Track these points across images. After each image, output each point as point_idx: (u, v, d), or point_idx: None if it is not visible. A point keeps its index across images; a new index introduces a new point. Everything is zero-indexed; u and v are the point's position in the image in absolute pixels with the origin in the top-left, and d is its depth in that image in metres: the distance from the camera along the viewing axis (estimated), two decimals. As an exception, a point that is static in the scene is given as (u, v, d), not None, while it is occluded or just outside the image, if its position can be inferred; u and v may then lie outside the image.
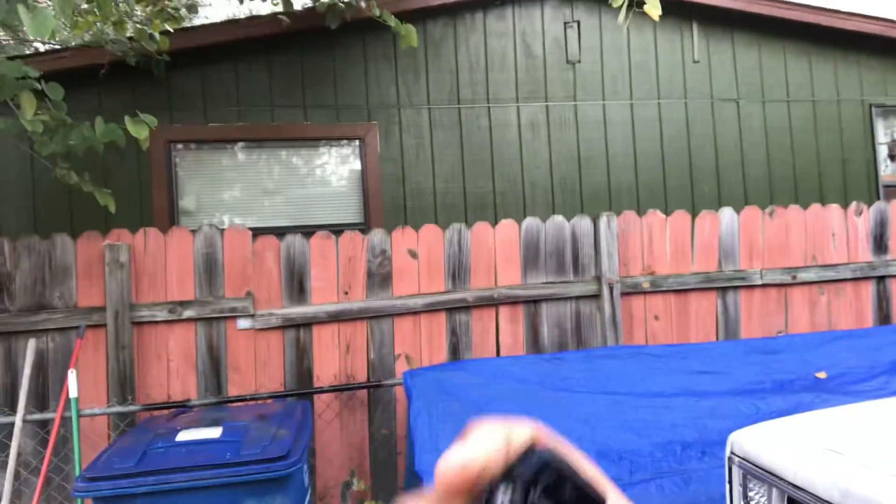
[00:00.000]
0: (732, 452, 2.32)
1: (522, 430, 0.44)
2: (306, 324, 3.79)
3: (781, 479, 2.04)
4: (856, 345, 4.20)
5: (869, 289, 4.55)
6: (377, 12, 4.39)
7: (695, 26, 5.78)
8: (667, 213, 4.76)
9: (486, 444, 0.42)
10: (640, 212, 5.05)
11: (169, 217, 4.75)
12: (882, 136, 6.30)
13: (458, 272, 4.06)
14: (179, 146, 4.91)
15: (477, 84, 5.39)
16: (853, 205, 4.59)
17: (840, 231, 4.55)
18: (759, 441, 2.26)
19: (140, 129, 3.27)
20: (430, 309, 3.97)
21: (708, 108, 5.77)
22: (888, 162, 6.34)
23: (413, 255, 4.00)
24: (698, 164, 5.69)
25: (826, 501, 1.82)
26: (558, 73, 5.53)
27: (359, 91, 5.20)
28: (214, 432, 2.66)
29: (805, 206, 4.71)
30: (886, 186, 6.14)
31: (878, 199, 6.03)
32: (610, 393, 3.73)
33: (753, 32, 5.91)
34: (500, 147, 5.36)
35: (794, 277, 4.39)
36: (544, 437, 0.46)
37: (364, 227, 4.92)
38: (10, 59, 3.45)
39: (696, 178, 5.68)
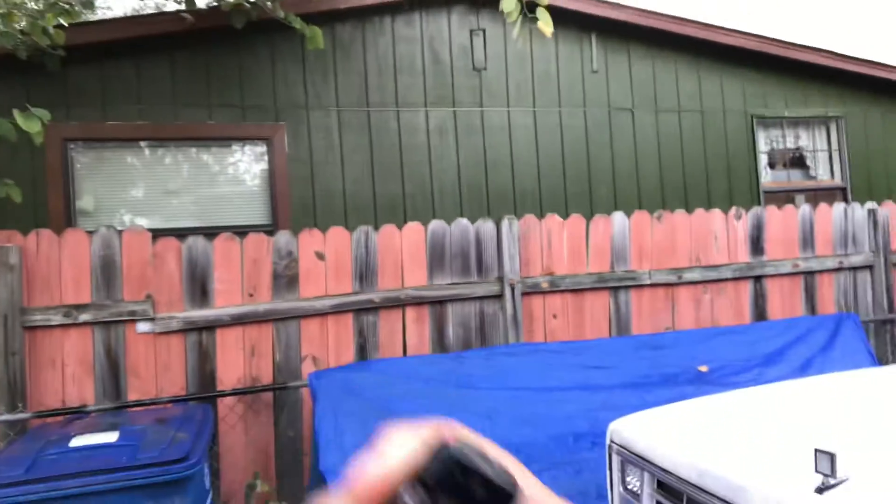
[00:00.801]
0: (612, 441, 2.51)
1: (431, 430, 0.45)
2: (209, 327, 3.77)
3: (652, 463, 2.24)
4: (735, 340, 4.56)
5: (747, 287, 4.94)
6: (281, 14, 4.40)
7: (594, 38, 6.08)
8: (566, 215, 4.99)
9: (398, 450, 0.43)
10: (542, 214, 5.29)
11: (65, 218, 4.59)
12: (763, 145, 6.82)
13: (365, 274, 4.13)
14: (77, 144, 4.74)
15: (386, 88, 5.47)
16: (733, 209, 4.97)
17: (722, 234, 4.92)
18: (634, 429, 2.46)
19: (32, 123, 3.17)
20: (338, 310, 4.03)
21: (605, 116, 6.08)
22: (768, 170, 6.87)
23: (320, 256, 4.04)
24: (596, 169, 5.99)
25: (686, 481, 2.02)
26: (465, 80, 5.69)
27: (266, 91, 5.18)
28: (111, 437, 2.63)
29: (693, 210, 5.04)
30: (766, 192, 6.65)
31: (760, 203, 6.53)
32: (510, 388, 3.90)
33: (648, 45, 6.27)
34: (409, 150, 5.47)
35: (679, 277, 4.72)
36: (453, 433, 0.47)
37: (272, 229, 4.91)
38: None
39: (595, 182, 5.97)
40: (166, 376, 3.69)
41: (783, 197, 6.68)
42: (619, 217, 4.67)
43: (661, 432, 2.34)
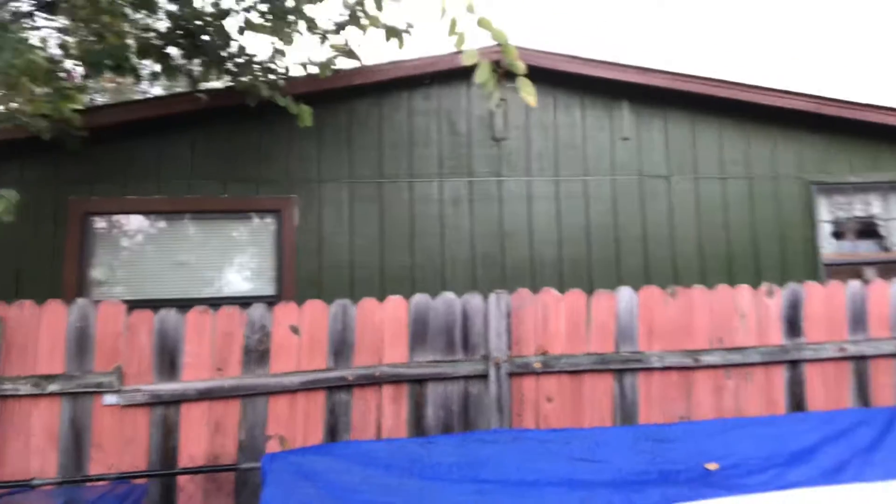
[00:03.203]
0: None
1: None
2: (175, 401, 3.74)
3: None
4: (758, 433, 4.00)
5: (781, 374, 4.37)
6: (282, 102, 4.50)
7: (625, 104, 5.82)
8: (590, 288, 4.62)
9: None
10: (564, 287, 4.96)
11: (77, 288, 4.80)
12: (825, 213, 6.19)
13: (341, 349, 3.99)
14: (96, 217, 5.00)
15: (400, 159, 5.45)
16: (764, 286, 4.46)
17: (750, 312, 4.40)
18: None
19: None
20: (308, 387, 3.89)
21: (635, 184, 5.74)
22: (832, 240, 6.20)
23: (294, 331, 3.96)
24: (626, 238, 5.64)
25: None
26: (483, 150, 5.58)
27: (279, 165, 5.29)
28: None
29: (738, 283, 4.53)
30: (828, 265, 5.98)
31: (820, 278, 5.87)
32: (480, 481, 3.57)
33: (687, 109, 5.93)
34: (420, 221, 5.38)
35: (696, 360, 4.24)
36: None
37: (275, 300, 4.90)
38: None
39: (624, 252, 5.61)
40: (129, 450, 3.67)
41: (848, 270, 5.98)
42: (625, 292, 4.29)
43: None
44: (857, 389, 4.44)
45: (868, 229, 6.35)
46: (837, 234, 6.24)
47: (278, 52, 4.82)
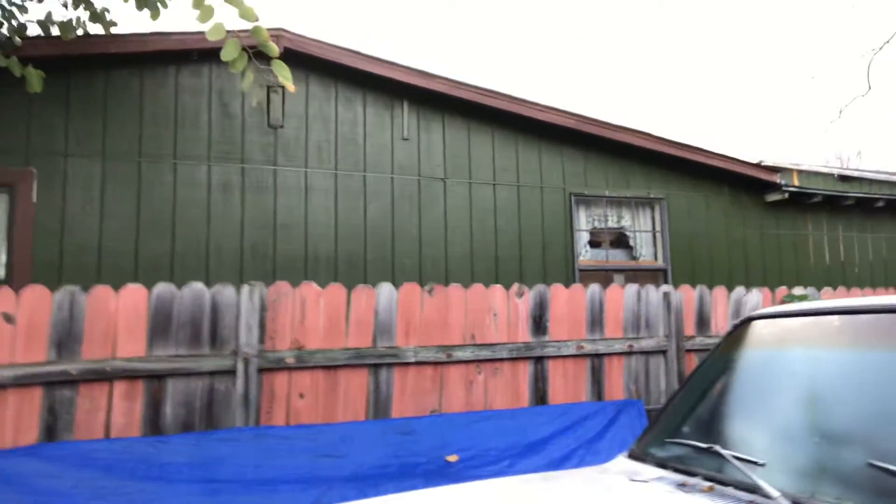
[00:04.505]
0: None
1: None
2: None
3: None
4: (501, 426, 4.25)
5: (526, 369, 4.67)
6: (2, 62, 3.95)
7: (405, 104, 5.91)
8: (368, 283, 4.58)
9: None
10: (344, 283, 4.87)
11: None
12: (584, 223, 6.77)
13: (66, 341, 3.59)
14: None
15: (163, 138, 5.06)
16: (515, 286, 4.74)
17: (502, 311, 4.66)
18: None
19: None
20: (22, 383, 3.45)
21: (415, 184, 5.86)
22: (588, 248, 6.79)
23: (8, 319, 3.49)
24: (402, 238, 5.72)
25: None
26: (259, 136, 5.36)
27: (16, 133, 4.67)
28: None
29: (507, 285, 4.75)
30: (582, 270, 6.54)
31: (576, 281, 6.40)
32: (213, 481, 3.40)
33: (464, 116, 6.16)
34: (185, 207, 5.03)
35: (448, 356, 4.40)
36: None
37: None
38: None
39: (399, 252, 5.68)
40: None
41: (601, 276, 6.59)
42: (385, 288, 4.34)
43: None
44: (592, 384, 4.87)
45: (620, 239, 7.06)
46: (593, 243, 6.86)
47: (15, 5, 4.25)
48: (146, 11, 4.17)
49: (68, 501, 3.02)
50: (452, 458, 3.89)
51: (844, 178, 7.63)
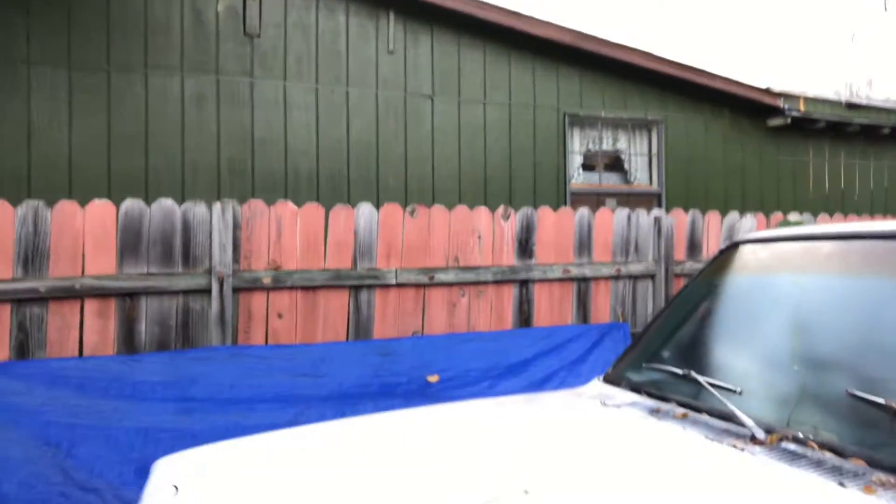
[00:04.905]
0: (151, 485, 1.99)
1: None
2: None
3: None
4: (483, 348, 4.19)
5: (511, 292, 4.59)
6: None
7: (391, 15, 5.59)
8: (351, 202, 4.45)
9: None
10: (321, 202, 4.72)
11: None
12: (577, 145, 6.56)
13: (32, 257, 3.46)
14: None
15: (133, 48, 4.78)
16: (501, 208, 4.60)
17: (487, 234, 4.53)
18: (181, 471, 1.95)
19: None
20: (-13, 300, 3.35)
21: (401, 101, 5.61)
22: (581, 171, 6.61)
23: (-30, 235, 3.35)
24: (387, 157, 5.53)
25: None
26: (234, 46, 5.08)
27: (-26, 39, 4.40)
28: None
29: (495, 207, 4.61)
30: (574, 194, 6.39)
31: (567, 204, 6.25)
32: (187, 400, 3.35)
33: (455, 29, 5.85)
34: (158, 120, 4.81)
35: (431, 278, 4.30)
36: None
37: (-34, 200, 4.15)
38: None
39: (384, 171, 5.50)
40: None
41: (593, 199, 6.44)
42: (365, 208, 4.19)
43: (220, 479, 1.82)
44: (578, 308, 4.80)
45: (614, 163, 6.86)
46: (586, 166, 6.67)
47: None
48: None
49: (39, 419, 2.98)
50: (433, 379, 3.85)
51: (852, 106, 7.39)
